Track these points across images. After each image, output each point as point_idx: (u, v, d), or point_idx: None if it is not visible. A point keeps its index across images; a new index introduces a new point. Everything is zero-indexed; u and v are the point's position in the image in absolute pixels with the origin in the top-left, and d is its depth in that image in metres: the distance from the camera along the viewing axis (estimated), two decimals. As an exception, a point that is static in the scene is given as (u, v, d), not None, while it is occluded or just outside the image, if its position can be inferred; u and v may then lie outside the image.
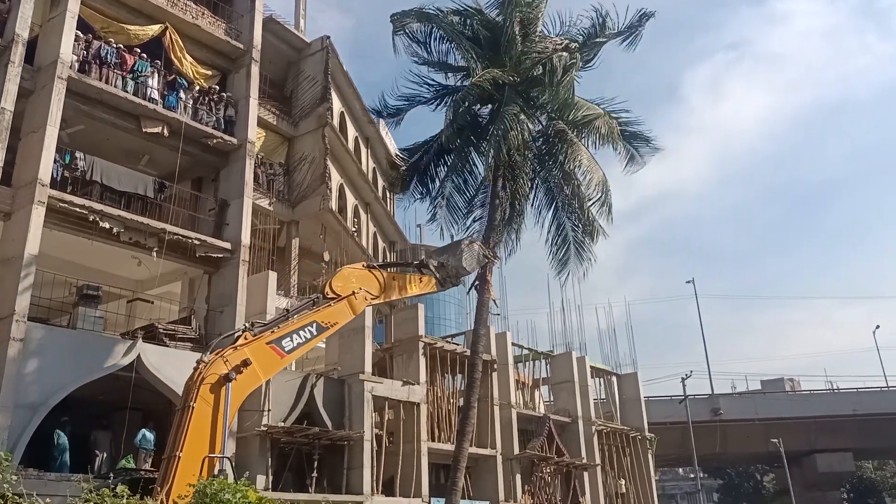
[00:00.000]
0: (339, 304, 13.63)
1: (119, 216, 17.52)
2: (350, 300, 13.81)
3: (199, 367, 11.41)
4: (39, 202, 15.75)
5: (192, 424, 10.82)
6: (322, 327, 13.19)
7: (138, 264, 19.27)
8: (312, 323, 13.02)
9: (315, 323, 13.06)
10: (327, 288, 13.71)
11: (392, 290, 15.10)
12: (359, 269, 14.82)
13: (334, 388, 20.99)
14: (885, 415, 55.02)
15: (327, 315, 13.35)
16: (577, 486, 29.60)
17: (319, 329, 13.13)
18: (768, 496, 62.26)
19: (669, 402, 50.90)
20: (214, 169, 21.09)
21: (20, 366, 14.75)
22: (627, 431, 33.79)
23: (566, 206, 20.35)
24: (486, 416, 25.96)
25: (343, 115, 28.44)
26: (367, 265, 15.13)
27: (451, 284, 16.80)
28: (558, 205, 20.39)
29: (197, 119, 20.28)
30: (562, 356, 32.87)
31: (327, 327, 13.35)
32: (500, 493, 25.54)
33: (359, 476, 20.07)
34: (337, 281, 13.86)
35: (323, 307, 13.36)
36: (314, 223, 25.01)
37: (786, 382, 72.87)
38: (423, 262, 16.69)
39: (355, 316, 14.46)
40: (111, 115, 18.65)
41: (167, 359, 17.34)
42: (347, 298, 13.75)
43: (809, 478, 59.09)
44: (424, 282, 16.21)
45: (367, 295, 14.21)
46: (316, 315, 13.16)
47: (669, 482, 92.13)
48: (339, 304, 13.61)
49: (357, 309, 14.11)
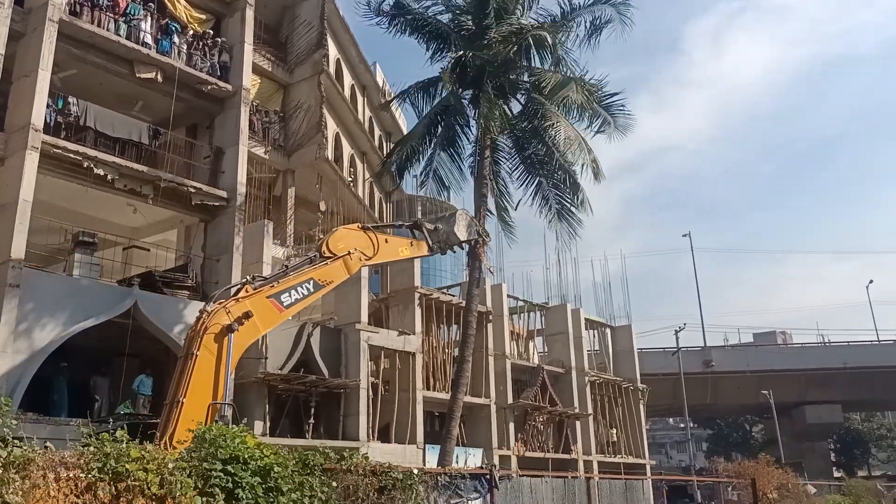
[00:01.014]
0: (336, 263, 13.94)
1: (114, 163, 17.35)
2: (345, 260, 14.13)
3: (202, 316, 11.61)
4: (33, 147, 15.56)
5: (195, 372, 11.03)
6: (319, 284, 13.48)
7: (134, 212, 19.17)
8: (310, 280, 13.30)
9: (312, 280, 13.35)
10: (324, 247, 13.98)
11: (385, 252, 15.39)
12: (354, 229, 15.08)
13: (331, 337, 21.13)
14: (874, 368, 55.82)
15: (324, 273, 13.64)
16: (569, 434, 30.12)
17: (316, 286, 13.42)
18: (756, 446, 63.43)
19: (662, 354, 51.44)
20: (209, 116, 20.83)
21: (17, 312, 14.77)
22: (620, 382, 34.22)
23: (550, 178, 21.09)
24: (481, 366, 26.23)
25: (339, 62, 28.02)
26: (361, 226, 15.33)
27: (440, 250, 17.03)
28: (541, 179, 21.15)
29: (191, 64, 19.94)
30: (557, 308, 33.08)
31: (323, 285, 13.64)
32: (493, 441, 25.98)
33: (355, 423, 20.35)
34: (333, 240, 14.11)
35: (320, 265, 13.65)
36: (310, 172, 24.83)
37: (777, 336, 73.63)
38: (418, 222, 17.08)
39: (350, 275, 14.76)
40: (104, 59, 18.32)
41: (164, 306, 17.40)
42: (343, 258, 14.05)
43: (798, 428, 60.22)
44: (416, 245, 16.60)
45: (361, 255, 14.54)
46: (313, 272, 13.43)
47: (660, 431, 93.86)
48: (335, 262, 13.91)
49: (352, 269, 14.43)
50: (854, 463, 70.24)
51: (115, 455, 6.76)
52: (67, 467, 6.56)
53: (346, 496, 9.96)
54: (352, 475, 10.12)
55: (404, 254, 16.61)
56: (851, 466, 68.56)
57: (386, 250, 15.37)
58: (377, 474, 10.54)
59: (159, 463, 7.01)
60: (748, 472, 24.67)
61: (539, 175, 21.14)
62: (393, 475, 10.74)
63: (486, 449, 25.55)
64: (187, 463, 7.46)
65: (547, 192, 20.95)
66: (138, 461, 6.83)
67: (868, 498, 28.69)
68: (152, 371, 17.93)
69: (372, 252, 14.82)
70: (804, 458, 55.24)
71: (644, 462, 33.92)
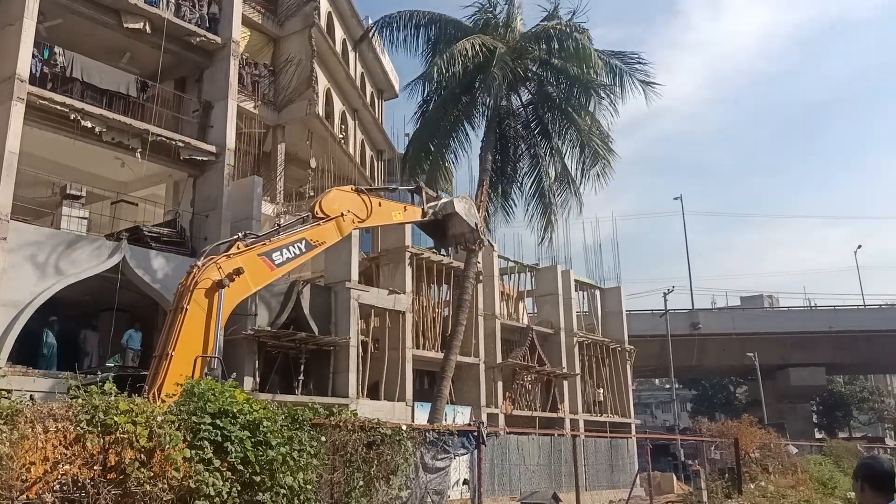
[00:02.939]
0: (328, 224, 13.89)
1: (101, 115, 17.10)
2: (338, 221, 14.07)
3: (192, 271, 11.58)
4: (19, 98, 15.31)
5: (185, 326, 11.03)
6: (311, 245, 13.46)
7: (122, 165, 18.95)
8: (302, 240, 13.28)
9: (304, 240, 13.33)
10: (317, 208, 13.91)
11: (378, 215, 15.36)
12: (347, 191, 15.01)
13: (321, 294, 21.13)
14: (859, 332, 56.55)
15: (316, 234, 13.61)
16: (557, 393, 30.45)
17: (308, 246, 13.40)
18: (740, 407, 64.44)
19: (650, 316, 51.88)
20: (198, 69, 20.51)
21: (4, 264, 14.68)
22: (608, 343, 34.52)
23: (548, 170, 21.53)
24: (471, 325, 26.32)
25: (330, 16, 27.54)
26: (355, 188, 15.25)
27: (434, 217, 16.85)
28: (541, 175, 21.45)
29: (179, 16, 19.56)
30: (547, 269, 33.16)
31: (315, 245, 13.62)
32: (481, 399, 26.22)
33: (344, 380, 20.47)
34: (326, 202, 14.02)
35: (312, 226, 13.61)
36: (300, 128, 24.57)
37: (765, 299, 74.40)
38: (420, 186, 17.23)
39: (342, 237, 14.77)
40: (90, 8, 17.96)
41: (153, 261, 17.33)
42: (336, 219, 13.99)
43: (781, 390, 61.13)
44: (410, 211, 16.58)
45: (354, 218, 14.48)
46: (305, 233, 13.41)
47: (646, 392, 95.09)
48: (327, 223, 13.86)
49: (344, 230, 14.40)
50: (836, 425, 71.50)
51: (103, 407, 6.75)
52: (56, 419, 6.55)
53: (335, 451, 10.05)
54: (341, 430, 10.19)
55: (397, 218, 16.55)
56: (833, 428, 69.84)
57: (379, 214, 15.31)
58: (366, 430, 10.62)
59: (148, 416, 7.01)
60: (731, 432, 25.08)
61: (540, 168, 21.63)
62: (381, 431, 10.82)
63: (474, 407, 25.80)
64: (176, 416, 7.47)
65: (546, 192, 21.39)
66: (127, 414, 6.83)
67: (848, 458, 29.30)
68: (141, 325, 17.94)
69: (365, 215, 14.77)
70: (787, 419, 56.22)
71: (629, 421, 34.42)
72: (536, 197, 21.29)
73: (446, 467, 13.14)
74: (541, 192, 21.25)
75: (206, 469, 7.21)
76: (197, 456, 7.21)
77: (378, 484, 10.62)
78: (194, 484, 7.06)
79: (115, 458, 6.72)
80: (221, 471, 7.35)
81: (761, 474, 24.35)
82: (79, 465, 6.50)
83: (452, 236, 17.62)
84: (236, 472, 7.54)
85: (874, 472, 3.69)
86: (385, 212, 15.69)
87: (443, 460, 13.07)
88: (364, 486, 10.27)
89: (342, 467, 10.11)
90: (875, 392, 76.09)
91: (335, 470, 9.99)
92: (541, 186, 21.28)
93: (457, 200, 17.22)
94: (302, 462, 8.42)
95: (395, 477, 10.97)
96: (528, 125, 22.20)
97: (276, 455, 7.97)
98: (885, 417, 74.01)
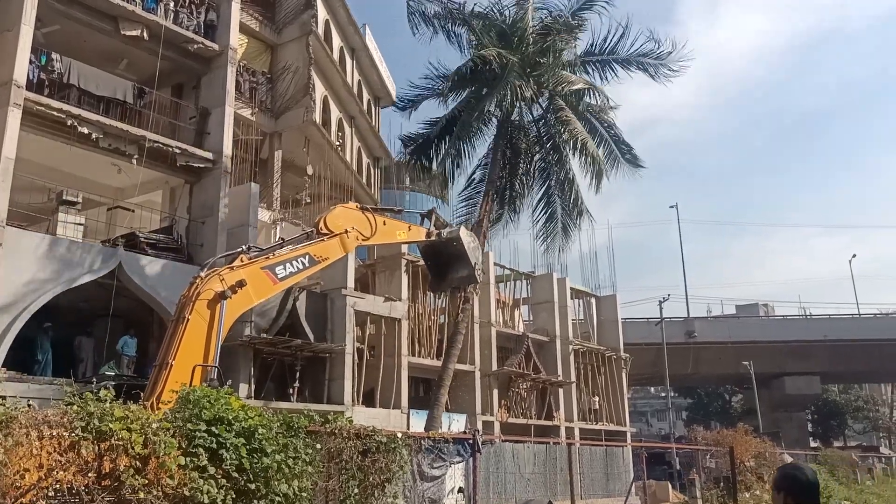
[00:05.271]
0: (332, 240, 13.93)
1: (98, 121, 17.11)
2: (342, 238, 14.11)
3: (195, 282, 11.61)
4: (15, 104, 15.31)
5: (186, 336, 11.03)
6: (314, 260, 13.49)
7: (118, 172, 18.94)
8: (306, 255, 13.30)
9: (308, 255, 13.35)
10: (321, 223, 13.96)
11: (383, 233, 15.40)
12: (352, 208, 15.07)
13: (317, 301, 21.12)
14: (854, 341, 56.49)
15: (320, 249, 13.64)
16: (552, 401, 30.43)
17: (311, 261, 13.42)
18: (735, 415, 64.42)
19: (646, 324, 51.82)
20: (195, 75, 20.54)
21: (0, 270, 14.64)
22: (603, 351, 34.50)
23: (559, 185, 21.79)
24: (467, 333, 26.26)
25: (328, 24, 27.61)
26: (360, 207, 15.33)
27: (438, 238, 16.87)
28: (551, 183, 21.86)
29: (177, 23, 19.61)
30: (543, 277, 33.16)
31: (319, 261, 13.65)
32: (477, 407, 26.20)
33: (340, 387, 20.44)
34: (331, 218, 14.11)
35: (316, 241, 13.66)
36: (297, 136, 24.60)
37: (760, 308, 74.37)
38: (432, 210, 17.33)
39: (346, 253, 14.82)
40: (88, 15, 17.99)
41: (148, 268, 17.30)
42: (340, 236, 14.03)
43: (777, 399, 61.07)
44: (414, 230, 16.59)
45: (358, 235, 14.50)
46: (309, 248, 13.43)
47: (641, 400, 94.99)
48: (331, 239, 13.90)
49: (348, 247, 14.43)
50: (831, 433, 71.45)
51: (98, 414, 6.75)
52: (51, 426, 6.55)
53: (331, 458, 10.05)
54: (336, 438, 10.19)
55: (401, 237, 16.59)
56: (828, 437, 69.80)
57: (383, 232, 15.33)
58: (361, 437, 10.62)
59: (143, 423, 7.01)
60: (726, 440, 25.07)
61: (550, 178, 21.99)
62: (377, 438, 10.83)
63: (469, 415, 25.77)
64: (171, 423, 7.47)
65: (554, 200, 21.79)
66: (122, 420, 6.83)
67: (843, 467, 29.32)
68: (136, 332, 17.90)
69: (369, 232, 14.79)
70: (782, 427, 56.14)
71: (625, 429, 34.38)
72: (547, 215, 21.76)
73: (442, 475, 13.16)
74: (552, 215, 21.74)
75: (201, 476, 7.21)
76: (192, 463, 7.20)
77: (373, 492, 10.61)
78: (189, 491, 7.05)
79: (110, 464, 6.72)
80: (216, 478, 7.34)
81: (756, 483, 24.34)
82: (73, 472, 6.49)
83: (452, 279, 17.58)
84: (231, 480, 7.53)
85: (798, 484, 3.34)
86: (389, 230, 15.68)
87: (439, 468, 13.09)
88: (359, 493, 10.27)
89: (337, 475, 10.10)
90: (870, 401, 76.00)
91: (330, 477, 9.99)
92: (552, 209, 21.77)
93: (464, 230, 17.21)
94: (297, 469, 8.42)
95: (391, 485, 10.97)
96: (541, 139, 22.40)
97: (271, 462, 7.97)
98: (880, 426, 73.96)
